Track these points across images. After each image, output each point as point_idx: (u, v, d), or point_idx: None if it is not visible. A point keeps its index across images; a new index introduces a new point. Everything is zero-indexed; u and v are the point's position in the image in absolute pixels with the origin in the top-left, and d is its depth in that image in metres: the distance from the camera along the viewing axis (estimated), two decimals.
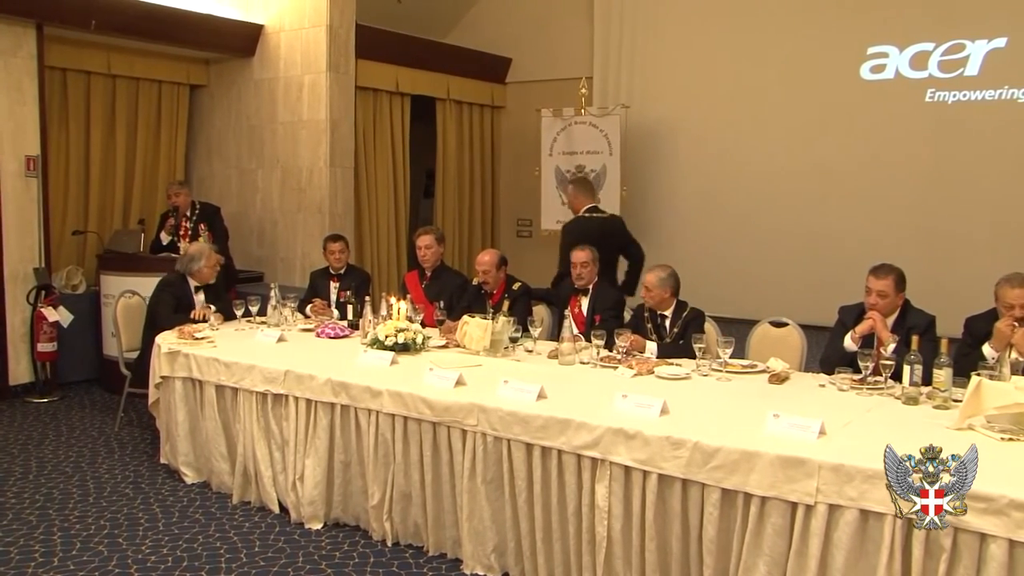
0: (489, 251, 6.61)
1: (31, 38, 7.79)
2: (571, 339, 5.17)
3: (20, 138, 7.78)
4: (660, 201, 10.54)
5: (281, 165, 9.23)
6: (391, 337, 5.35)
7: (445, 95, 10.79)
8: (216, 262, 6.80)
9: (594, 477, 3.93)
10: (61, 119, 8.73)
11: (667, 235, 10.39)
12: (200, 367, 5.50)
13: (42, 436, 6.75)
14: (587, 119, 10.27)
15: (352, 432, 4.81)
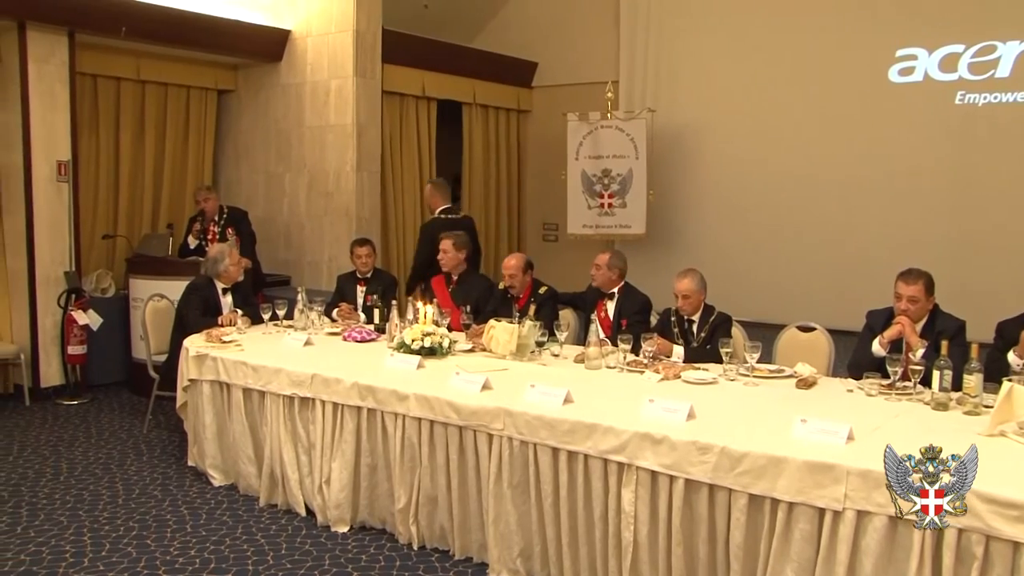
0: (515, 255, 6.62)
1: (63, 45, 7.88)
2: (598, 343, 5.16)
3: (52, 143, 7.87)
4: (687, 205, 10.51)
5: (308, 169, 9.27)
6: (418, 341, 5.36)
7: (471, 99, 10.81)
8: (240, 260, 6.85)
9: (620, 482, 3.92)
10: (91, 124, 8.82)
11: (693, 239, 10.37)
12: (228, 370, 5.54)
13: (72, 438, 6.82)
14: (613, 123, 10.25)
15: (379, 436, 4.82)
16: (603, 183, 10.31)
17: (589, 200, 10.42)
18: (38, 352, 7.92)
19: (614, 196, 10.24)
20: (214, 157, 9.95)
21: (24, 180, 7.75)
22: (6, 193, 7.93)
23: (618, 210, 10.25)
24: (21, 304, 7.92)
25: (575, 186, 10.52)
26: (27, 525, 5.05)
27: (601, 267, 6.22)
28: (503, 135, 11.47)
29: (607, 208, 10.31)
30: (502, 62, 11.20)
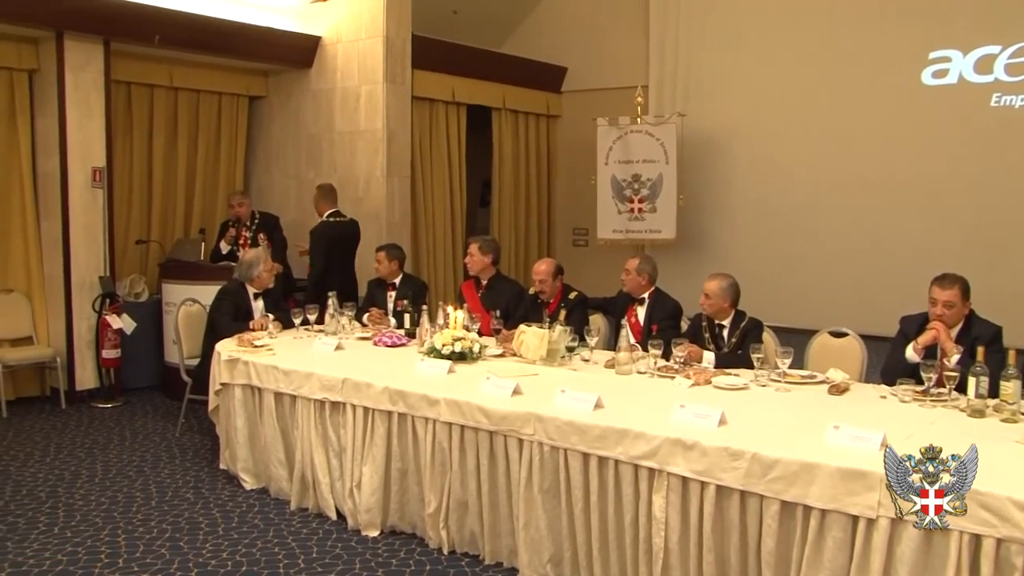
0: (545, 260, 6.61)
1: (99, 54, 7.97)
2: (628, 349, 5.14)
3: (87, 150, 7.96)
4: (717, 209, 10.47)
5: (338, 174, 9.31)
6: (448, 346, 5.36)
7: (501, 105, 10.83)
8: (273, 267, 6.89)
9: (651, 488, 3.90)
10: (126, 131, 8.91)
11: (724, 244, 10.32)
12: (259, 374, 5.56)
13: (107, 440, 6.88)
14: (643, 128, 10.24)
15: (409, 440, 4.83)
16: (633, 188, 10.29)
17: (619, 205, 10.40)
18: (73, 356, 8.01)
19: (644, 201, 10.22)
20: (245, 163, 10.02)
21: (60, 186, 7.84)
22: (43, 199, 8.03)
23: (648, 215, 10.23)
24: (57, 308, 8.01)
25: (605, 191, 10.51)
26: (64, 525, 5.10)
27: (631, 272, 6.20)
28: (533, 140, 11.48)
29: (637, 213, 10.29)
30: (531, 67, 11.21)
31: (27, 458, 6.41)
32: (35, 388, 8.14)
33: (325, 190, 8.32)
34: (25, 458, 6.41)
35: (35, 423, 7.36)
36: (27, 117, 8.01)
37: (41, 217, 8.06)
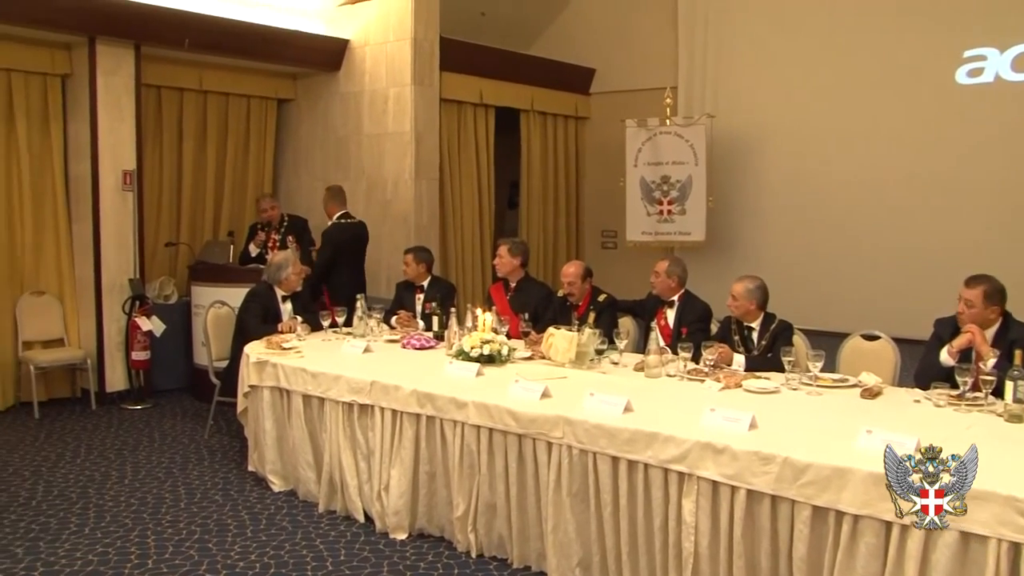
0: (574, 263, 6.60)
1: (129, 58, 8.05)
2: (657, 351, 5.12)
3: (118, 153, 8.03)
4: (747, 211, 10.42)
5: (367, 177, 9.34)
6: (476, 348, 5.36)
7: (529, 106, 10.82)
8: (301, 270, 6.92)
9: (681, 492, 3.88)
10: (156, 135, 8.98)
11: (754, 245, 10.26)
12: (287, 377, 5.58)
13: (136, 442, 6.93)
14: (672, 129, 10.20)
15: (437, 443, 4.83)
16: (662, 190, 10.25)
17: (648, 207, 10.37)
18: (104, 357, 8.08)
19: (673, 203, 10.19)
20: (274, 165, 10.07)
21: (92, 189, 7.93)
22: (75, 202, 8.12)
23: (677, 217, 10.19)
24: (88, 310, 8.09)
25: (634, 193, 10.48)
26: (94, 526, 5.14)
27: (660, 275, 6.18)
28: (561, 142, 11.47)
29: (666, 215, 10.25)
30: (560, 69, 11.20)
31: (58, 459, 6.47)
32: (66, 389, 8.23)
33: (334, 191, 8.35)
34: (56, 459, 6.47)
35: (66, 424, 7.44)
36: (60, 121, 8.11)
37: (73, 220, 8.15)
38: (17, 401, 7.96)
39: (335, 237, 8.06)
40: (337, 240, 8.03)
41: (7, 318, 7.91)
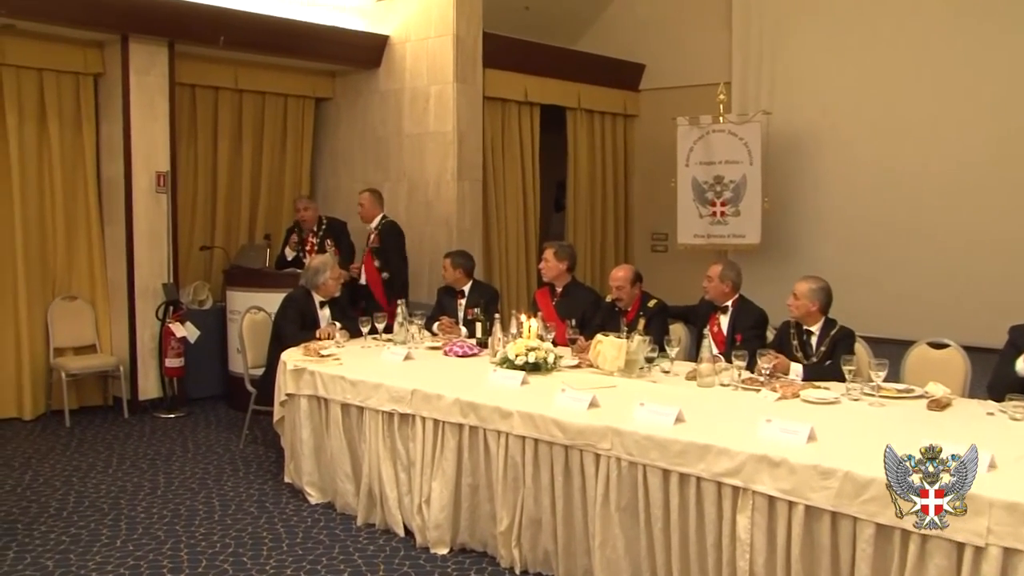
0: (624, 266, 6.60)
1: (163, 56, 8.17)
2: (710, 360, 5.10)
3: (151, 154, 8.15)
4: (805, 212, 10.32)
5: (408, 178, 9.39)
6: (521, 356, 5.37)
7: (576, 104, 10.82)
8: (340, 274, 6.97)
9: (735, 507, 3.85)
10: (190, 135, 9.10)
11: (812, 249, 10.17)
12: (325, 385, 5.63)
13: (170, 452, 7.02)
14: (725, 127, 10.14)
15: (481, 454, 4.84)
16: (715, 190, 10.20)
17: (700, 208, 10.32)
18: (136, 364, 8.19)
19: (727, 204, 10.12)
20: (311, 166, 10.16)
21: (124, 191, 8.04)
22: (107, 204, 8.25)
23: (731, 219, 10.13)
24: (120, 316, 8.21)
25: (685, 194, 10.43)
26: (126, 538, 5.21)
27: (713, 279, 6.15)
28: (609, 141, 11.45)
29: (719, 217, 10.20)
30: (607, 65, 11.19)
31: (89, 468, 6.58)
32: (98, 397, 8.36)
33: (379, 195, 8.61)
34: (88, 468, 6.58)
35: (98, 433, 7.55)
36: (92, 122, 8.25)
37: (105, 223, 8.28)
38: (48, 409, 8.09)
39: (402, 232, 8.44)
40: (403, 235, 8.41)
41: (38, 324, 8.05)
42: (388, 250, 8.40)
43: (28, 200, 7.99)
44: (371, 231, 8.47)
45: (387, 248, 8.41)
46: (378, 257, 8.36)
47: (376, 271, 8.34)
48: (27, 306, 7.95)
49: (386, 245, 8.41)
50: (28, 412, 7.93)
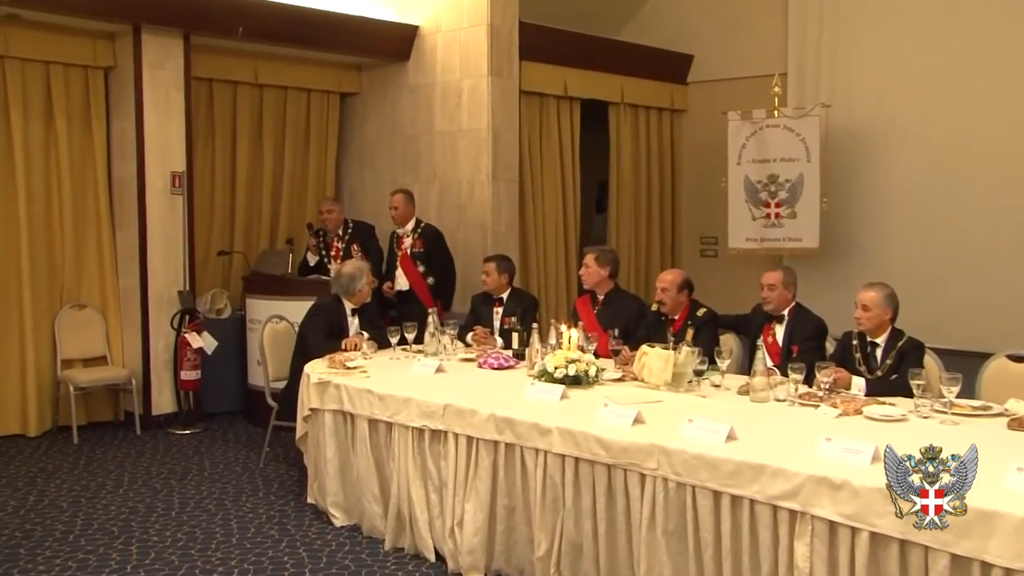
0: (673, 270, 6.64)
1: (178, 49, 8.25)
2: (764, 373, 5.08)
3: (166, 154, 8.23)
4: (868, 213, 10.21)
5: (439, 179, 9.42)
6: (561, 369, 5.37)
7: (619, 98, 10.79)
8: (373, 280, 7.02)
9: (792, 532, 3.83)
10: (207, 133, 9.18)
11: (875, 253, 10.05)
12: (352, 399, 5.65)
13: (185, 470, 7.08)
14: (781, 121, 10.06)
15: (517, 474, 4.84)
16: (769, 190, 10.13)
17: (753, 210, 10.25)
18: (150, 377, 8.26)
19: (782, 205, 10.04)
20: (336, 166, 10.22)
21: (137, 193, 8.12)
22: (119, 207, 8.34)
23: (787, 221, 10.05)
24: (133, 325, 8.29)
25: (737, 194, 10.36)
26: (137, 564, 5.25)
27: (777, 287, 6.12)
28: (655, 137, 11.40)
29: (774, 219, 10.12)
30: (653, 56, 11.15)
31: (99, 488, 6.64)
32: (108, 412, 8.43)
33: (412, 196, 8.68)
34: (97, 488, 6.64)
35: (108, 450, 7.63)
36: (102, 119, 8.34)
37: (117, 227, 8.37)
38: (55, 425, 8.16)
39: (444, 237, 8.57)
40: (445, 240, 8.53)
41: (45, 334, 8.12)
42: (435, 255, 8.43)
43: (34, 202, 8.06)
44: (406, 234, 8.48)
45: (433, 253, 8.44)
46: (422, 262, 8.39)
47: (420, 276, 8.37)
48: (33, 315, 8.02)
49: (431, 251, 8.44)
50: (33, 428, 8.00)
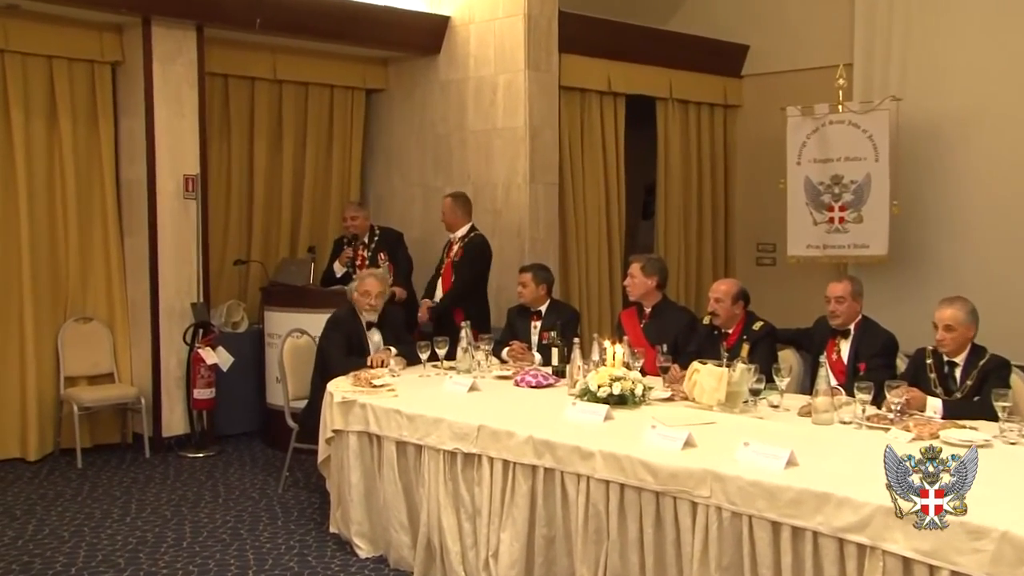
0: (728, 280, 6.64)
1: (191, 42, 8.30)
2: (828, 392, 5.05)
3: (178, 155, 8.28)
4: (942, 218, 10.11)
5: (472, 181, 9.42)
6: (605, 387, 5.36)
7: (667, 94, 10.77)
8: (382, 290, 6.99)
9: (861, 569, 3.79)
10: (222, 132, 9.25)
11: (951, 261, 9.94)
12: (378, 420, 5.67)
13: (197, 497, 7.11)
14: (846, 117, 10.00)
15: (557, 501, 4.83)
16: (833, 192, 10.06)
17: (815, 214, 10.18)
18: (160, 396, 8.30)
19: (847, 208, 9.97)
20: (362, 168, 10.27)
21: (148, 197, 8.17)
22: (128, 212, 8.41)
23: (852, 226, 9.98)
24: (142, 340, 8.35)
25: (797, 197, 10.30)
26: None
27: (845, 299, 6.08)
28: (706, 136, 11.37)
29: (838, 223, 10.05)
30: (705, 47, 11.12)
31: (104, 516, 6.67)
32: (115, 434, 8.49)
33: (464, 199, 8.59)
34: (102, 516, 6.67)
35: (114, 475, 7.68)
36: (110, 117, 8.41)
37: (125, 233, 8.44)
38: (56, 448, 8.20)
39: (488, 252, 8.44)
40: (489, 256, 8.42)
41: (48, 349, 8.16)
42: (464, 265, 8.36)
43: (36, 207, 8.10)
44: (455, 241, 8.48)
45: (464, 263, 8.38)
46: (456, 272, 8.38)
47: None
48: (34, 329, 8.05)
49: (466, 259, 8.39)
50: (33, 452, 8.02)
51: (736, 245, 11.76)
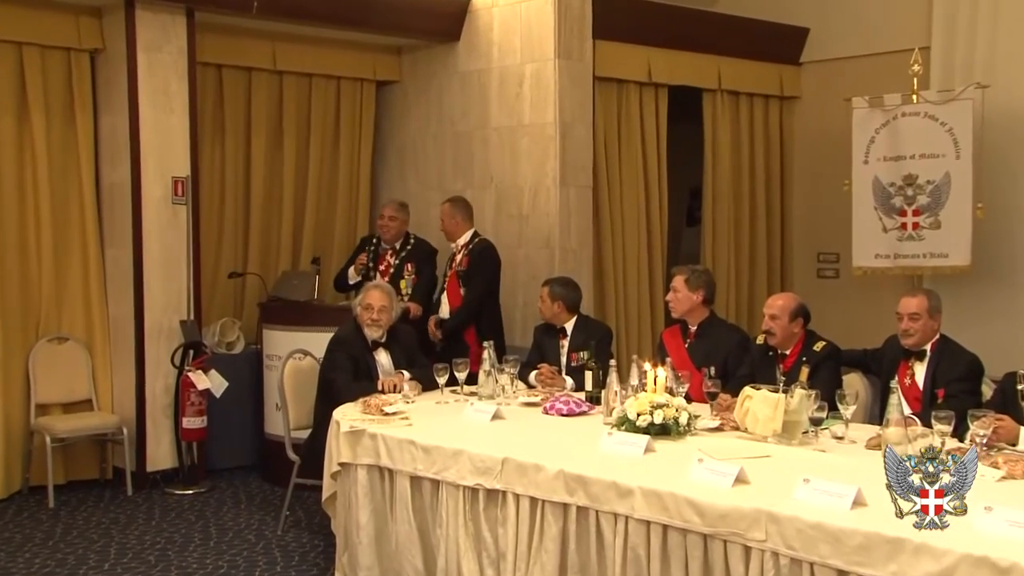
0: (784, 294, 6.59)
1: (180, 28, 8.34)
2: (901, 422, 5.00)
3: (166, 155, 8.32)
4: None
5: (495, 184, 9.45)
6: (645, 416, 5.34)
7: (715, 84, 10.77)
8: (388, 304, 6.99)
9: None
10: (215, 129, 9.30)
11: None
12: (390, 452, 5.66)
13: (186, 539, 7.13)
14: (922, 108, 9.95)
15: (592, 544, 4.81)
16: (905, 194, 10.03)
17: (885, 219, 10.15)
18: (144, 426, 8.32)
19: (922, 213, 9.93)
20: (372, 168, 10.30)
21: (132, 202, 8.20)
22: (109, 219, 8.45)
23: (928, 232, 9.93)
24: (125, 363, 8.38)
25: (864, 200, 10.26)
26: None
27: (921, 316, 6.06)
28: (760, 132, 11.36)
29: (911, 230, 10.01)
30: (758, 31, 11.10)
31: (79, 563, 6.67)
32: (93, 469, 8.52)
33: (464, 204, 8.68)
34: (77, 563, 6.67)
35: (91, 515, 7.70)
36: (88, 112, 8.45)
37: (106, 243, 8.49)
38: (26, 485, 8.21)
39: (496, 258, 8.50)
40: (498, 263, 8.48)
41: (17, 373, 8.17)
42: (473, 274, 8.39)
43: (5, 214, 8.13)
44: (458, 250, 8.54)
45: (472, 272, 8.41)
46: (464, 284, 8.40)
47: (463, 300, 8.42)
48: (2, 350, 8.04)
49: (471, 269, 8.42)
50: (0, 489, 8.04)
51: (794, 255, 11.73)
